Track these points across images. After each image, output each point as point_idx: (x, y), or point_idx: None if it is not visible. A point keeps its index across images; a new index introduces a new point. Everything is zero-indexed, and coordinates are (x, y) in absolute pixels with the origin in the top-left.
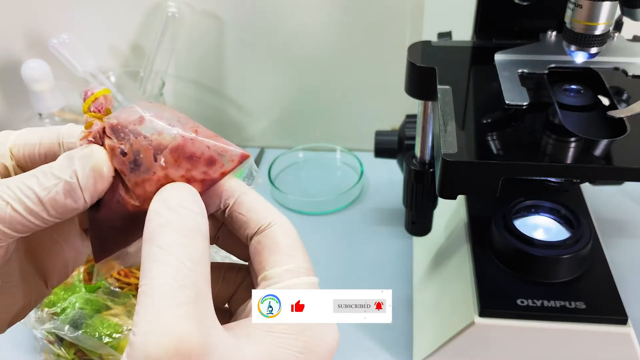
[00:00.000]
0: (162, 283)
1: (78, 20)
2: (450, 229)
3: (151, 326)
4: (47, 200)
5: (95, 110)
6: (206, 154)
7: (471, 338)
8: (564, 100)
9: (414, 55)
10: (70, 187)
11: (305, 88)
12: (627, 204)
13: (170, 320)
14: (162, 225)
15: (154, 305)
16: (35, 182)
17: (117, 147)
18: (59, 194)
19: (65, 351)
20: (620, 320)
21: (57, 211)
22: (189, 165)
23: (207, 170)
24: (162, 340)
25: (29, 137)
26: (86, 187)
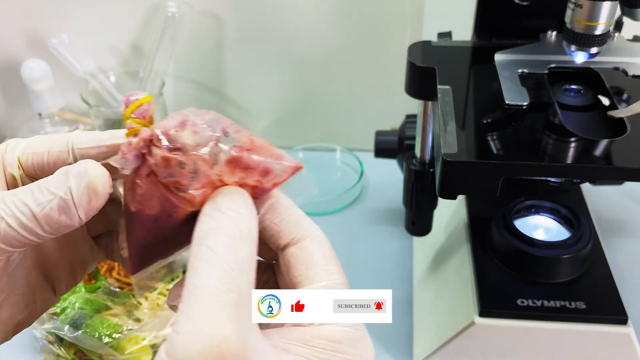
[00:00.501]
0: (209, 284)
1: (78, 20)
2: (450, 229)
3: (194, 327)
4: (42, 217)
5: (139, 117)
6: (261, 165)
7: (471, 338)
8: (564, 100)
9: (414, 55)
10: (65, 204)
11: (305, 88)
12: (627, 204)
13: (213, 322)
14: (213, 228)
15: (198, 305)
16: (30, 197)
17: (173, 158)
18: (54, 210)
19: (65, 351)
20: (620, 320)
21: (52, 227)
22: (244, 174)
23: (261, 180)
24: (204, 342)
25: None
26: (80, 205)
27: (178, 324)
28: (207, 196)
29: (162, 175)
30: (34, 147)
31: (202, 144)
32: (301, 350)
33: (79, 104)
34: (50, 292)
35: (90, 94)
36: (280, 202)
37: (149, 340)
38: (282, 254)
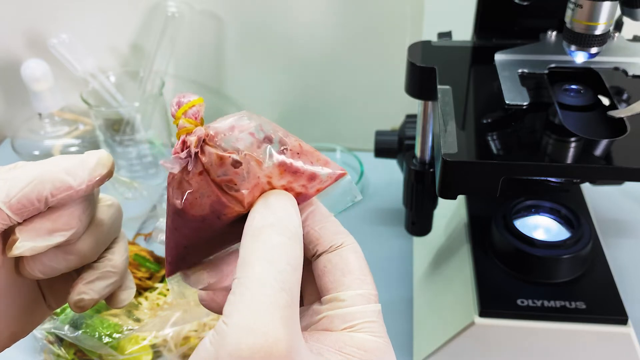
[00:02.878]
0: (264, 281)
1: (78, 20)
2: (450, 229)
3: (247, 322)
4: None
5: (190, 117)
6: (309, 170)
7: (471, 338)
8: (564, 100)
9: (414, 55)
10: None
11: (305, 88)
12: (627, 204)
13: (268, 321)
14: (268, 225)
15: (252, 300)
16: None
17: (228, 157)
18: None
19: (65, 351)
20: (620, 320)
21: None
22: (292, 178)
23: (306, 185)
24: (256, 340)
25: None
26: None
27: (229, 316)
28: (255, 198)
29: (215, 173)
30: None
31: (255, 145)
32: (334, 357)
33: (79, 104)
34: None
35: (90, 94)
36: (321, 209)
37: (149, 340)
38: (318, 260)
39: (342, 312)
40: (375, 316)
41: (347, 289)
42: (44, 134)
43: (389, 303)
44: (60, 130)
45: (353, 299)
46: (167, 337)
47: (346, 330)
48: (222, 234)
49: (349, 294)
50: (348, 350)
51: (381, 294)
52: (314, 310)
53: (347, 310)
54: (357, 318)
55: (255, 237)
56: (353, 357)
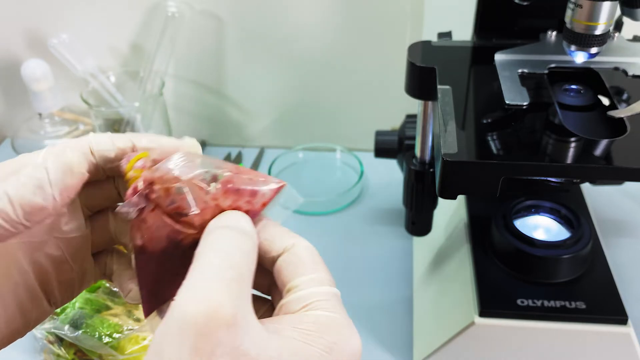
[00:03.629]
0: (212, 262)
1: (78, 20)
2: (450, 229)
3: (192, 293)
4: (16, 199)
5: (138, 168)
6: (249, 188)
7: (471, 338)
8: (564, 100)
9: (414, 55)
10: (39, 183)
11: (305, 88)
12: (627, 204)
13: (210, 290)
14: (220, 226)
15: (198, 277)
16: (10, 183)
17: (172, 187)
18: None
19: (65, 351)
20: (620, 320)
21: (25, 210)
22: (236, 197)
23: (251, 200)
24: (199, 306)
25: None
26: (55, 182)
27: (178, 293)
28: (207, 221)
29: (164, 205)
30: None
31: (197, 174)
32: (290, 333)
33: (79, 104)
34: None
35: (90, 94)
36: (270, 222)
37: (149, 340)
38: (275, 264)
39: (296, 295)
40: (330, 296)
41: (299, 276)
42: (44, 134)
43: (389, 303)
44: (60, 130)
45: (306, 283)
46: None
47: (302, 310)
48: (186, 263)
49: (302, 279)
50: (304, 326)
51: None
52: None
53: (301, 293)
54: (312, 298)
55: (208, 234)
56: (308, 330)
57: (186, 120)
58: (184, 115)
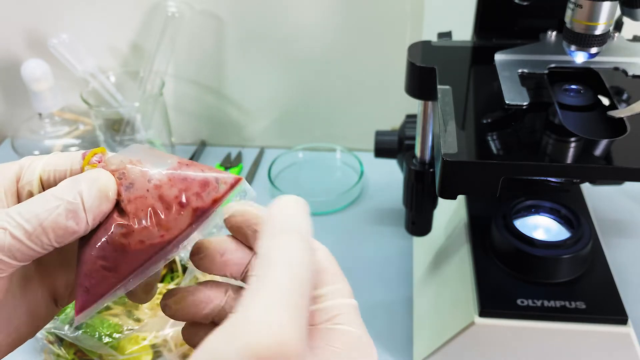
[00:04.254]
0: (282, 281)
1: (78, 20)
2: (450, 229)
3: (263, 318)
4: (48, 223)
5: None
6: (199, 177)
7: (471, 338)
8: (564, 100)
9: (414, 55)
10: (73, 208)
11: (305, 88)
12: (627, 204)
13: (283, 319)
14: (288, 230)
15: (269, 298)
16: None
17: (115, 171)
18: (61, 216)
19: (65, 351)
20: (620, 320)
21: (57, 234)
22: (182, 186)
23: (200, 192)
24: (268, 340)
25: (59, 163)
26: (90, 209)
27: (244, 311)
28: (142, 212)
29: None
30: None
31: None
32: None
33: (79, 104)
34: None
35: (90, 94)
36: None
37: (149, 340)
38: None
39: (322, 306)
40: (352, 309)
41: (323, 285)
42: (44, 134)
43: (389, 303)
44: (60, 130)
45: (332, 293)
46: (167, 337)
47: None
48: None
49: (328, 289)
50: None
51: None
52: None
53: (327, 304)
54: (338, 310)
55: (276, 238)
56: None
57: (186, 120)
58: (184, 115)
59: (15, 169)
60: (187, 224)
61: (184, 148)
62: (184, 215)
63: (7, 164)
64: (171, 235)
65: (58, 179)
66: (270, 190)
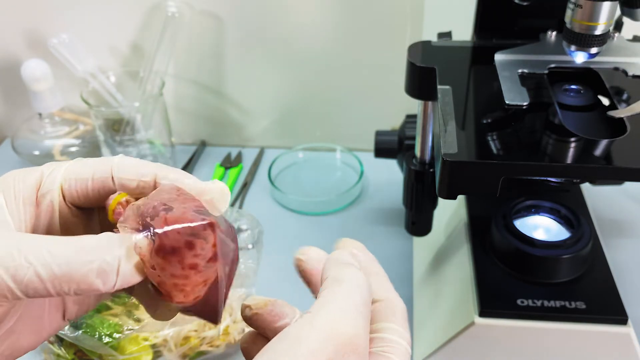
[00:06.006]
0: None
1: (78, 20)
2: (450, 229)
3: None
4: (79, 275)
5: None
6: (182, 241)
7: (471, 338)
8: (564, 100)
9: (414, 55)
10: (108, 269)
11: (305, 88)
12: (627, 204)
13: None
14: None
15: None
16: (72, 251)
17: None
18: (92, 272)
19: (65, 351)
20: (620, 320)
21: (80, 287)
22: (178, 257)
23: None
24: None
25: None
26: (123, 276)
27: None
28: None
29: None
30: (76, 173)
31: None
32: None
33: (79, 104)
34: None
35: (90, 94)
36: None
37: (149, 340)
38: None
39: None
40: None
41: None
42: (44, 134)
43: None
44: (60, 130)
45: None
46: (167, 337)
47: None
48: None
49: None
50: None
51: None
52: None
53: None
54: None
55: (343, 266)
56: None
57: (186, 120)
58: (184, 115)
59: (37, 175)
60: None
61: (184, 148)
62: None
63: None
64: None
65: (79, 189)
66: (270, 191)
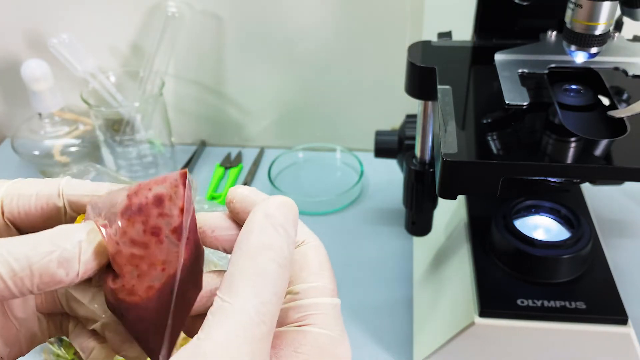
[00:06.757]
0: (247, 311)
1: (78, 20)
2: (450, 229)
3: (219, 349)
4: (37, 267)
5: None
6: (150, 196)
7: (471, 338)
8: (564, 100)
9: (414, 55)
10: (69, 257)
11: (305, 88)
12: (627, 204)
13: (244, 354)
14: (265, 247)
15: (229, 329)
16: (28, 245)
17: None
18: (52, 262)
19: (65, 351)
20: (620, 321)
21: (43, 280)
22: (142, 217)
23: (162, 211)
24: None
25: (22, 187)
26: (86, 262)
27: (204, 338)
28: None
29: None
30: (18, 189)
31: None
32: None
33: (79, 104)
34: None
35: (90, 94)
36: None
37: None
38: None
39: (295, 304)
40: (329, 309)
41: (302, 282)
42: (44, 134)
43: (389, 303)
44: (60, 130)
45: (307, 291)
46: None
47: (299, 323)
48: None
49: (302, 286)
50: (303, 349)
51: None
52: None
53: (299, 303)
54: (311, 310)
55: (249, 257)
56: (307, 355)
57: (186, 120)
58: (184, 115)
59: None
60: (176, 244)
61: (184, 148)
62: (166, 240)
63: None
64: (170, 264)
65: (21, 205)
66: (270, 191)
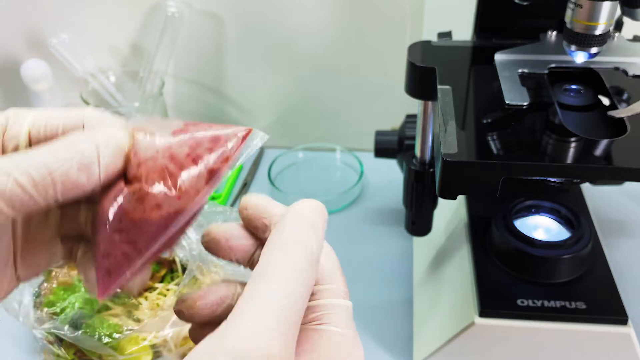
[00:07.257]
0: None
1: (78, 20)
2: (450, 229)
3: (253, 329)
4: (58, 175)
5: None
6: (209, 134)
7: (471, 338)
8: (564, 100)
9: (414, 55)
10: (88, 162)
11: (305, 88)
12: (627, 204)
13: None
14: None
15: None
16: (48, 154)
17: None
18: (73, 168)
19: (65, 351)
20: (620, 321)
21: (65, 187)
22: (193, 143)
23: (212, 148)
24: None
25: (51, 117)
26: (106, 165)
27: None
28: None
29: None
30: (45, 118)
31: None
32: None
33: (79, 104)
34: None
35: (90, 94)
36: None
37: (149, 341)
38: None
39: (311, 304)
40: (343, 310)
41: (316, 284)
42: None
43: (389, 303)
44: None
45: (322, 292)
46: (167, 337)
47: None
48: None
49: (317, 287)
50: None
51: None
52: None
53: (316, 303)
54: (325, 310)
55: (282, 250)
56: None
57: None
58: (184, 115)
59: (1, 120)
60: (203, 183)
61: None
62: (199, 174)
63: None
64: (188, 197)
65: (49, 136)
66: (270, 191)
